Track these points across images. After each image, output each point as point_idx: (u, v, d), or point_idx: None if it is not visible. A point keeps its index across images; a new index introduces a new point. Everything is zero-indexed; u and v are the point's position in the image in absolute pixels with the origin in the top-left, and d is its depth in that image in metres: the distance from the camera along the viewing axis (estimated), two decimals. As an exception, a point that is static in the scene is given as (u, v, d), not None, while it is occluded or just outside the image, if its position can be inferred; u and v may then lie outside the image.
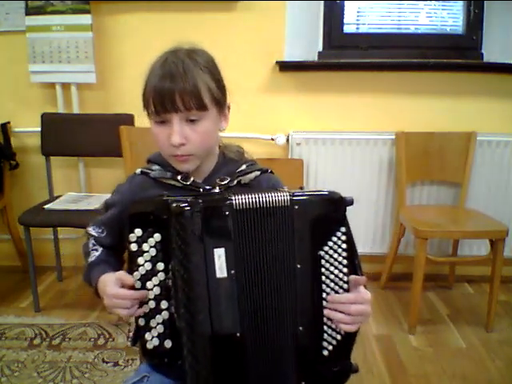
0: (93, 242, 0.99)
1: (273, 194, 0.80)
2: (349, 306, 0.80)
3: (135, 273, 0.82)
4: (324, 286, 0.81)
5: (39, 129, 2.29)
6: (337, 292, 0.82)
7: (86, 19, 2.21)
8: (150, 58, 0.93)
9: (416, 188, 2.36)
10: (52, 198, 2.27)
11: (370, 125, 2.34)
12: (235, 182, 0.94)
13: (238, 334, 0.78)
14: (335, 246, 0.81)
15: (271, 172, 1.02)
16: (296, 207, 0.80)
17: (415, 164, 2.23)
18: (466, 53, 2.36)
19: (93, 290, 0.93)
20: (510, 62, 2.26)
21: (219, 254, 0.76)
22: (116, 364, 1.76)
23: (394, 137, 2.24)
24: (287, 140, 2.33)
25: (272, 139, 2.34)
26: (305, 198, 0.81)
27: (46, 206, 2.12)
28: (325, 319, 0.82)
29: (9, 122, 2.35)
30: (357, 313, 0.81)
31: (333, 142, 2.29)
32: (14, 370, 1.71)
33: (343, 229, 0.81)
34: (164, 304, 0.81)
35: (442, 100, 2.35)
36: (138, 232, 0.82)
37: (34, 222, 2.07)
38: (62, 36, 2.23)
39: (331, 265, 0.81)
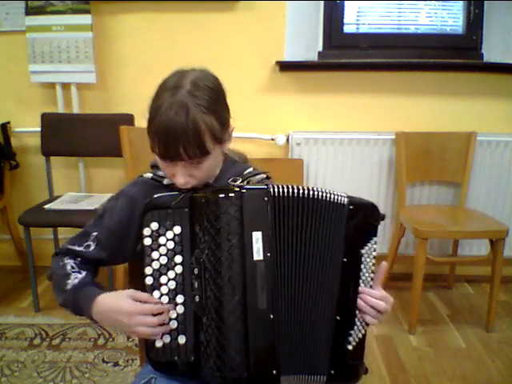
0: (72, 264, 0.93)
1: (329, 192, 0.85)
2: (379, 302, 0.86)
3: (147, 268, 0.82)
4: (360, 282, 0.86)
5: (39, 129, 2.29)
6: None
7: (86, 19, 2.21)
8: (150, 57, 0.93)
9: (416, 188, 2.36)
10: (52, 198, 2.27)
11: (369, 125, 2.34)
12: (245, 182, 0.95)
13: (272, 316, 0.80)
14: (369, 251, 0.87)
15: (270, 178, 1.04)
16: (351, 207, 0.85)
17: (415, 164, 2.23)
18: (466, 53, 2.36)
19: (85, 312, 0.87)
20: (510, 62, 2.26)
21: (257, 237, 0.79)
22: (116, 364, 1.76)
23: (394, 137, 2.24)
24: (287, 140, 2.33)
25: (272, 139, 2.34)
26: (359, 201, 0.87)
27: (46, 206, 2.12)
28: (356, 313, 0.86)
29: (9, 122, 2.35)
30: (384, 310, 0.86)
31: (333, 142, 2.29)
32: (14, 370, 1.71)
33: (375, 238, 0.87)
34: (180, 298, 0.82)
35: (441, 100, 2.35)
36: (155, 226, 0.83)
37: (33, 221, 2.07)
38: (62, 36, 2.23)
39: (365, 265, 0.87)
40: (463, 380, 1.71)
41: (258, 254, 0.79)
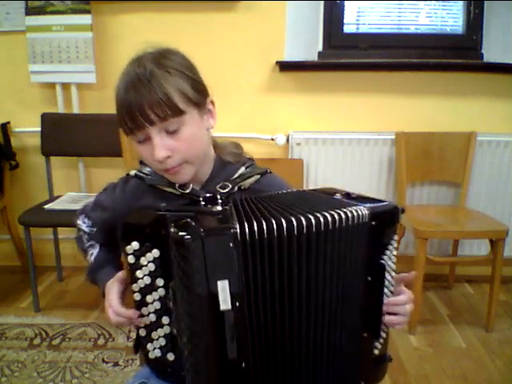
0: (86, 237, 1.00)
1: (350, 209, 0.75)
2: (404, 307, 0.83)
3: (134, 284, 0.80)
4: (385, 291, 0.82)
5: (39, 129, 2.29)
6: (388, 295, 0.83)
7: (85, 19, 2.21)
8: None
9: (416, 188, 2.36)
10: (52, 198, 2.27)
11: (370, 125, 2.34)
12: (236, 188, 0.90)
13: (244, 365, 0.74)
14: (390, 254, 0.81)
15: (270, 172, 1.00)
16: (373, 223, 0.77)
17: (415, 164, 2.23)
18: (466, 53, 2.36)
19: (100, 291, 0.93)
20: (509, 62, 2.26)
21: (223, 286, 0.71)
22: (116, 364, 1.76)
23: (394, 137, 2.24)
24: (287, 140, 2.32)
25: (272, 139, 2.34)
26: (380, 211, 0.78)
27: (46, 206, 2.12)
28: (382, 323, 0.83)
29: (9, 122, 2.35)
30: (410, 312, 0.84)
31: (333, 142, 2.29)
32: (14, 370, 1.71)
33: (395, 236, 0.82)
34: (165, 319, 0.80)
35: (441, 100, 2.35)
36: (136, 245, 0.78)
37: (34, 222, 2.08)
38: (62, 36, 2.23)
39: (388, 269, 0.81)
40: (463, 380, 1.71)
41: (224, 303, 0.71)
